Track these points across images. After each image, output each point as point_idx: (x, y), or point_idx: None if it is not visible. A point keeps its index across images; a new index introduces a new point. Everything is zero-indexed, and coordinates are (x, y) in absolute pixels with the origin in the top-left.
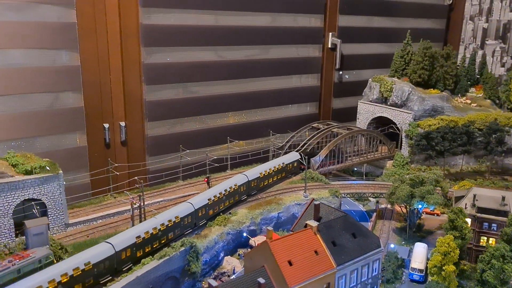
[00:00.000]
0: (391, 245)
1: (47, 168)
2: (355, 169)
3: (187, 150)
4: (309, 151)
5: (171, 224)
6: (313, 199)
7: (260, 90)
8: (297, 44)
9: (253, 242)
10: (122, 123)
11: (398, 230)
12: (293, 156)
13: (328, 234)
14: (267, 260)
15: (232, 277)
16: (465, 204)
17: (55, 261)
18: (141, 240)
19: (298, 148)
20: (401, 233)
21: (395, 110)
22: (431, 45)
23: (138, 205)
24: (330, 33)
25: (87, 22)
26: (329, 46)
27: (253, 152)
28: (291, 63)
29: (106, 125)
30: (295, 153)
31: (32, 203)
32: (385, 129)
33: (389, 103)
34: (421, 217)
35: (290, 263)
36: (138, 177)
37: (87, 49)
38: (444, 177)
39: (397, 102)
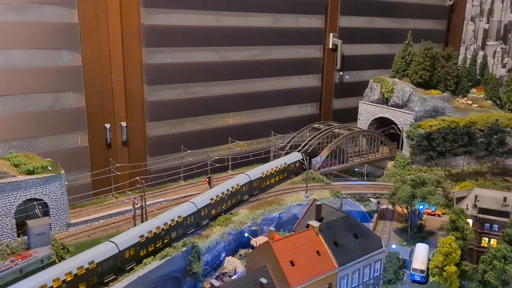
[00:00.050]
0: (392, 246)
1: (49, 168)
2: (356, 169)
3: (188, 151)
4: (310, 151)
5: (174, 223)
6: (314, 199)
7: (261, 90)
8: (298, 44)
9: (254, 242)
10: (123, 123)
11: (399, 231)
12: (295, 156)
13: (330, 234)
14: (269, 260)
15: (233, 277)
16: (467, 205)
17: (57, 261)
18: (145, 239)
19: (299, 148)
20: (402, 234)
21: (396, 110)
22: (432, 46)
23: (140, 205)
24: (331, 34)
25: (88, 22)
26: (330, 47)
27: (254, 153)
28: (292, 63)
29: (108, 125)
30: (297, 153)
31: (34, 203)
32: (386, 130)
33: (390, 103)
34: (422, 217)
35: (292, 263)
36: (139, 177)
37: (88, 49)
38: (445, 177)
39: (398, 102)
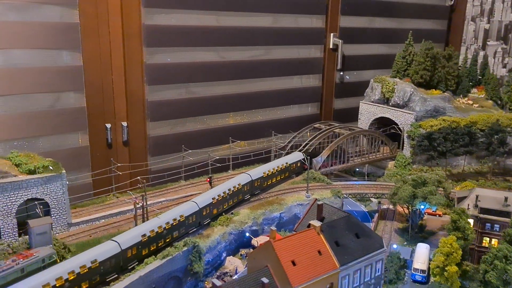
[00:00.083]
0: (393, 246)
1: (50, 167)
2: (357, 169)
3: (189, 150)
4: (311, 151)
5: (176, 223)
6: (316, 199)
7: (261, 90)
8: (298, 44)
9: (255, 242)
10: (124, 123)
11: (400, 231)
12: (296, 156)
13: (331, 234)
14: (270, 260)
15: (234, 277)
16: (468, 205)
17: (58, 260)
18: (147, 238)
19: (300, 148)
20: (403, 234)
21: (397, 110)
22: (433, 46)
23: (141, 205)
24: (332, 34)
25: (89, 22)
26: (331, 47)
27: (255, 152)
28: (292, 63)
29: (108, 125)
30: (298, 153)
31: (35, 202)
32: (386, 130)
33: (391, 103)
34: (423, 217)
35: (293, 263)
36: (140, 177)
37: (89, 49)
38: (446, 177)
39: (399, 102)
